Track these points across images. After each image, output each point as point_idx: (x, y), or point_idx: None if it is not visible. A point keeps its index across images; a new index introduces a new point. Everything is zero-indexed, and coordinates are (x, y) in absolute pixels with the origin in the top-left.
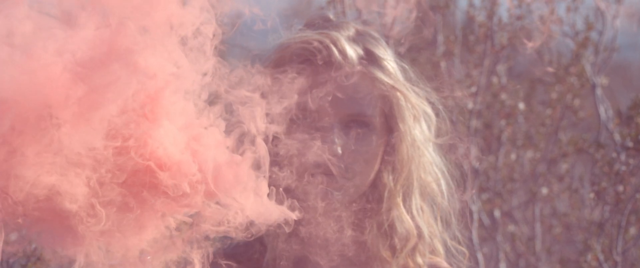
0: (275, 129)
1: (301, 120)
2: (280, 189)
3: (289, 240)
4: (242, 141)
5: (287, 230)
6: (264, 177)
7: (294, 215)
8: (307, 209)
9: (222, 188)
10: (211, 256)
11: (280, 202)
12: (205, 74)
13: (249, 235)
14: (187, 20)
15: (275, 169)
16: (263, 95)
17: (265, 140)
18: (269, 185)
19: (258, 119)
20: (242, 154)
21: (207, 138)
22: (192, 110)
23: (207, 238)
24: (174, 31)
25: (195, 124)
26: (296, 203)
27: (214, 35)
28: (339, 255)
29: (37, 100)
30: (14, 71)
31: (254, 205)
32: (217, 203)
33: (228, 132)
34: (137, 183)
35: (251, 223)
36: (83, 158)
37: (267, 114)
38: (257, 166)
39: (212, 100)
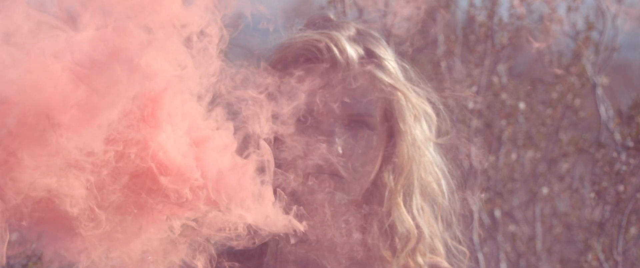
0: (278, 130)
1: (302, 121)
2: (286, 194)
3: (290, 241)
4: (246, 144)
5: (292, 241)
6: (269, 182)
7: (301, 227)
8: (311, 211)
9: (225, 195)
10: (214, 257)
11: (286, 210)
12: (209, 76)
13: (252, 243)
14: (190, 20)
15: (280, 171)
16: (266, 96)
17: (268, 142)
18: (274, 188)
19: (262, 121)
20: (246, 158)
21: (211, 142)
22: (196, 113)
23: (209, 240)
24: (177, 32)
25: (199, 127)
26: (303, 210)
27: (219, 36)
28: (339, 255)
29: (36, 101)
30: (13, 72)
31: (257, 212)
32: (220, 210)
33: (233, 134)
34: (137, 187)
35: (255, 231)
36: (82, 161)
37: (271, 115)
38: (261, 170)
39: (216, 102)
